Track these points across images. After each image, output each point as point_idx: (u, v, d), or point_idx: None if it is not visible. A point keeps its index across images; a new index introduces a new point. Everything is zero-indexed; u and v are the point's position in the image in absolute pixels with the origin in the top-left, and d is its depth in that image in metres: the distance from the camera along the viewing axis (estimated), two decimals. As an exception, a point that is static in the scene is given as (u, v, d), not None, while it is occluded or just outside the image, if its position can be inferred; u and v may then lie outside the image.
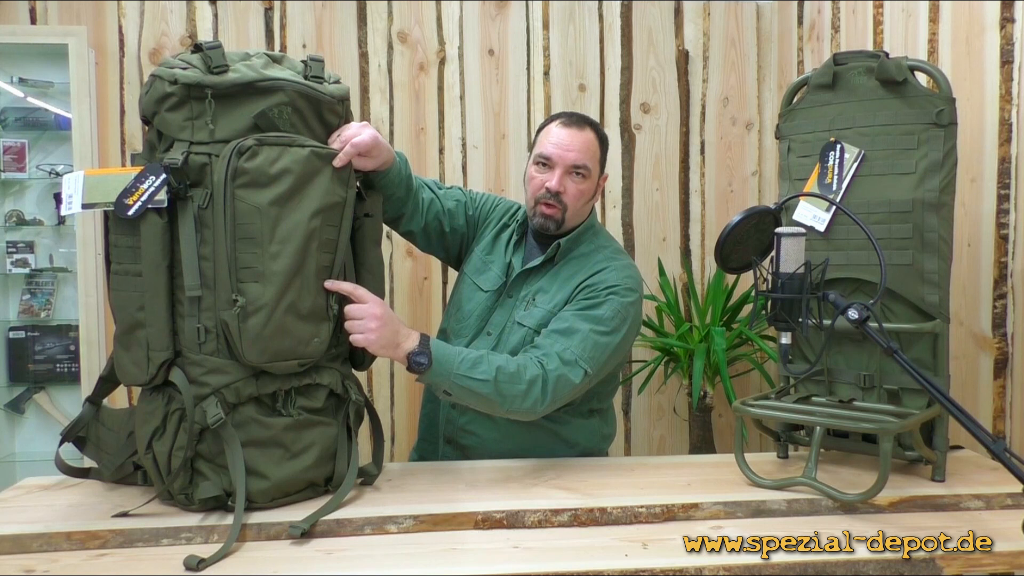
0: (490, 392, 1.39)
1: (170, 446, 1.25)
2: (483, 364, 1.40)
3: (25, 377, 2.87)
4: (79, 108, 2.61)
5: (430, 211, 1.69)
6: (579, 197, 1.60)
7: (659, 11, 2.84)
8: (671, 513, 1.29)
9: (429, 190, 1.72)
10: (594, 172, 1.62)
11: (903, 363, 1.19)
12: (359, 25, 2.77)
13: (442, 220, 1.71)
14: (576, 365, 1.46)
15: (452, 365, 1.38)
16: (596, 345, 1.49)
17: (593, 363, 1.49)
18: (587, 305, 1.53)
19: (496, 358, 1.42)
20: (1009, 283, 1.73)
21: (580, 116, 1.64)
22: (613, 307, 1.53)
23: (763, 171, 2.89)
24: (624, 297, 1.55)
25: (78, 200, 1.23)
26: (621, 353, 1.59)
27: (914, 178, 1.44)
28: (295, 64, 1.33)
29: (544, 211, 1.60)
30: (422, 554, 1.15)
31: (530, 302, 1.61)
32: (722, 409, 2.80)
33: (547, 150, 1.60)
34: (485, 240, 1.73)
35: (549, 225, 1.61)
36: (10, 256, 2.86)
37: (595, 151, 1.62)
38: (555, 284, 1.61)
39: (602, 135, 1.66)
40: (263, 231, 1.23)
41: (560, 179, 1.58)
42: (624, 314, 1.54)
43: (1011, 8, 1.71)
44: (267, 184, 1.23)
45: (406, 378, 2.82)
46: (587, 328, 1.50)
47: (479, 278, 1.69)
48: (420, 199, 1.68)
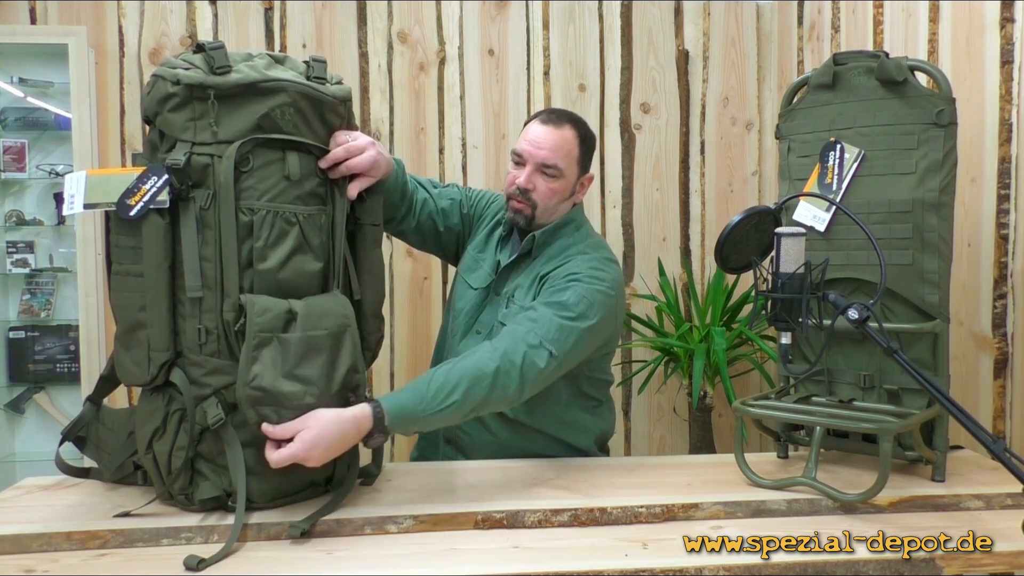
0: (470, 404, 1.33)
1: (170, 446, 1.25)
2: (445, 388, 1.30)
3: (25, 377, 2.87)
4: (79, 108, 2.61)
5: (423, 211, 1.69)
6: (550, 195, 1.59)
7: (659, 11, 2.84)
8: (671, 513, 1.29)
9: (424, 190, 1.71)
10: (567, 171, 1.60)
11: (903, 363, 1.20)
12: (359, 25, 2.77)
13: (436, 220, 1.71)
14: (541, 347, 1.40)
15: (417, 410, 1.29)
16: (561, 328, 1.43)
17: (558, 345, 1.42)
18: (549, 294, 1.51)
19: (448, 370, 1.33)
20: (1009, 283, 1.73)
21: (562, 113, 1.63)
22: (577, 292, 1.48)
23: (763, 171, 2.89)
24: (589, 284, 1.50)
25: (80, 200, 1.23)
26: (596, 340, 1.54)
27: (914, 178, 1.45)
28: (297, 65, 1.33)
29: (514, 206, 1.61)
30: (422, 554, 1.15)
31: (510, 299, 1.61)
32: (722, 409, 2.80)
33: (520, 146, 1.60)
34: (478, 238, 1.74)
35: (518, 220, 1.61)
36: (10, 256, 2.86)
37: (570, 150, 1.60)
38: (530, 279, 1.60)
39: (584, 133, 1.63)
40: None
41: (529, 176, 1.58)
42: (591, 300, 1.48)
43: (1011, 8, 1.71)
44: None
45: (406, 379, 2.82)
46: (549, 313, 1.45)
47: (470, 276, 1.70)
48: (415, 200, 1.67)
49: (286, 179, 1.27)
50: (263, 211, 1.24)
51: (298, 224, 1.27)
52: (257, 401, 1.18)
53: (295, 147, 1.28)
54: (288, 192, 1.27)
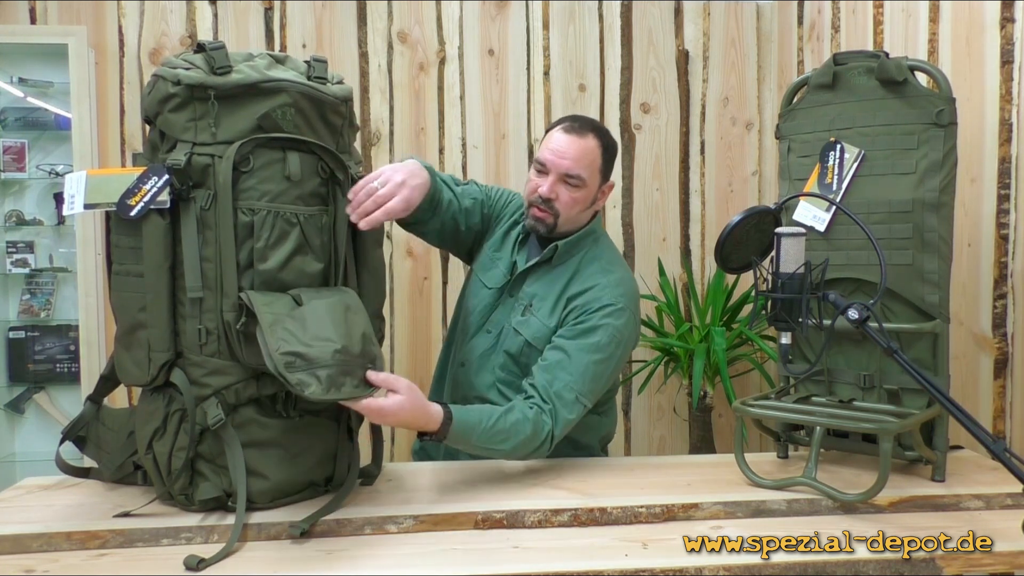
0: (505, 454, 1.43)
1: (170, 447, 1.25)
2: (500, 435, 1.39)
3: (25, 377, 2.87)
4: (79, 108, 2.61)
5: (447, 212, 1.67)
6: (572, 205, 1.58)
7: (659, 11, 2.84)
8: (671, 513, 1.29)
9: (449, 189, 1.68)
10: (590, 181, 1.59)
11: (903, 363, 1.20)
12: (359, 25, 2.77)
13: (458, 219, 1.69)
14: (576, 403, 1.48)
15: (471, 436, 1.37)
16: (595, 377, 1.50)
17: (591, 396, 1.51)
18: (582, 331, 1.52)
19: (511, 424, 1.40)
20: (1009, 283, 1.73)
21: (586, 122, 1.61)
22: (609, 333, 1.52)
23: (763, 171, 2.90)
24: (618, 319, 1.54)
25: (80, 200, 1.23)
26: (616, 374, 1.61)
27: (914, 178, 1.45)
28: (298, 65, 1.33)
29: (535, 214, 1.60)
30: (422, 554, 1.16)
31: (527, 308, 1.60)
32: (722, 409, 2.80)
33: (543, 155, 1.59)
34: (495, 237, 1.72)
35: (539, 228, 1.60)
36: (10, 256, 2.86)
37: (593, 159, 1.59)
38: (551, 290, 1.60)
39: (607, 142, 1.62)
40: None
41: (552, 186, 1.56)
42: (619, 338, 1.54)
43: (1011, 8, 1.71)
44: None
45: (406, 378, 2.82)
46: (587, 360, 1.49)
47: (485, 275, 1.69)
48: (440, 201, 1.65)
49: (287, 179, 1.27)
50: (264, 211, 1.24)
51: (299, 225, 1.27)
52: (291, 365, 1.15)
53: (296, 147, 1.28)
54: (289, 192, 1.27)
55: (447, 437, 1.34)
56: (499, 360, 1.61)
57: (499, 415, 1.40)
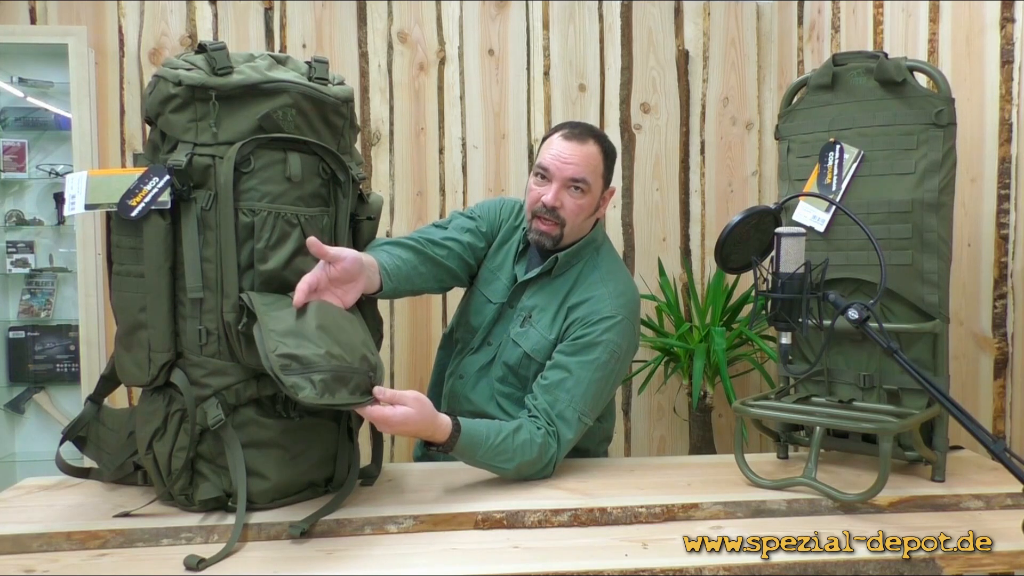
0: (505, 473, 1.42)
1: (171, 447, 1.25)
2: (506, 453, 1.38)
3: (25, 377, 2.87)
4: (79, 108, 2.61)
5: (458, 260, 1.62)
6: (578, 212, 1.55)
7: (659, 11, 2.84)
8: (671, 513, 1.29)
9: (440, 246, 1.60)
10: (594, 186, 1.56)
11: (903, 363, 1.20)
12: (359, 25, 2.77)
13: (467, 259, 1.64)
14: (579, 422, 1.48)
15: (476, 451, 1.37)
16: (596, 394, 1.50)
17: (593, 414, 1.52)
18: (582, 346, 1.50)
19: (519, 444, 1.39)
20: (1009, 283, 1.74)
21: (585, 128, 1.59)
22: (609, 350, 1.51)
23: (763, 171, 2.90)
24: (617, 334, 1.52)
25: (81, 200, 1.23)
26: (615, 388, 1.61)
27: (913, 178, 1.45)
28: (299, 66, 1.33)
29: (540, 227, 1.56)
30: (422, 554, 1.16)
31: (527, 319, 1.58)
32: (722, 409, 2.80)
33: (546, 162, 1.55)
34: (492, 250, 1.69)
35: (545, 242, 1.56)
36: (10, 256, 2.86)
37: (596, 165, 1.56)
38: (551, 301, 1.57)
39: (607, 148, 1.60)
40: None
41: (556, 193, 1.53)
42: (619, 354, 1.53)
43: (1011, 8, 1.71)
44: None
45: (406, 379, 2.82)
46: (588, 378, 1.48)
47: (487, 289, 1.65)
48: (434, 268, 1.58)
49: (288, 180, 1.27)
50: (264, 212, 1.24)
51: (300, 225, 1.28)
52: (286, 368, 1.14)
53: (297, 148, 1.28)
54: (289, 193, 1.27)
55: (454, 448, 1.33)
56: (498, 372, 1.60)
57: (507, 433, 1.38)
